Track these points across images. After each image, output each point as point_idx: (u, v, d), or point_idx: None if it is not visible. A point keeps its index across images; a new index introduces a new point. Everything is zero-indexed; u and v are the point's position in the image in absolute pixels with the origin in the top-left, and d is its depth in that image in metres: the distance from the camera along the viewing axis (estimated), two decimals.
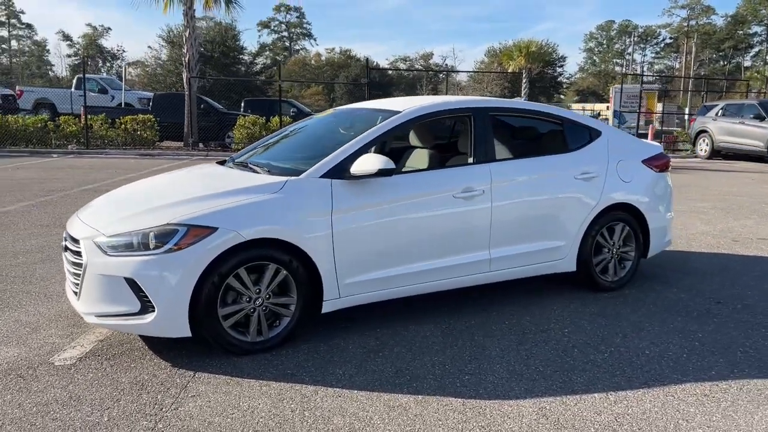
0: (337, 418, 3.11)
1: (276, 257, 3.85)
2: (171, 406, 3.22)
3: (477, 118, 4.76)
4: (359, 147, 4.24)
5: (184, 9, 19.16)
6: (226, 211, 3.79)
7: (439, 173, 4.54)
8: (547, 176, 4.89)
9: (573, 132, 5.17)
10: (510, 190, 4.69)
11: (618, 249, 5.26)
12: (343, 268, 4.07)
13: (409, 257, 4.32)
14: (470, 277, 4.62)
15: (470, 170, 4.63)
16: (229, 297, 3.81)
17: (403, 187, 4.31)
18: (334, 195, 4.04)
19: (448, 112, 4.80)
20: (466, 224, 4.50)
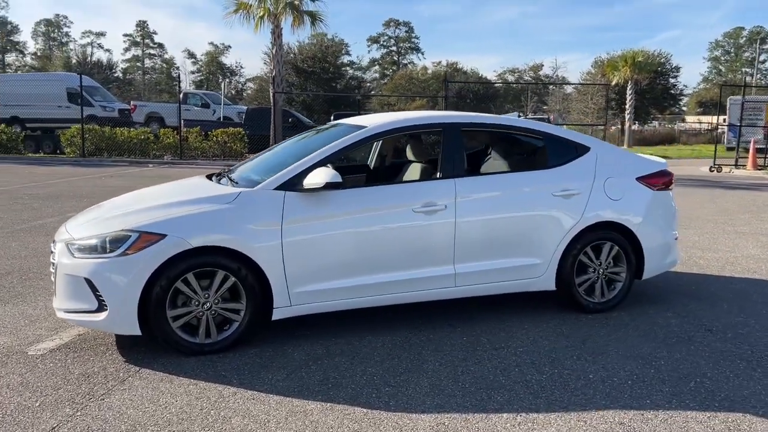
0: (236, 419, 3.28)
1: (224, 264, 4.08)
2: (100, 396, 3.52)
3: (447, 133, 4.78)
4: (316, 161, 4.40)
5: (272, 28, 20.16)
6: (176, 219, 4.07)
7: (398, 187, 4.61)
8: (520, 192, 4.82)
9: (555, 148, 5.06)
10: (477, 205, 4.67)
11: (606, 269, 5.07)
12: (293, 277, 4.23)
13: (365, 269, 4.42)
14: (434, 291, 4.64)
15: (433, 185, 4.66)
16: (179, 300, 4.08)
17: (357, 201, 4.42)
18: (286, 206, 4.22)
19: (416, 127, 4.87)
20: (427, 239, 4.54)
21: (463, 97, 60.01)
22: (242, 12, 20.03)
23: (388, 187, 4.61)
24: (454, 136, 4.78)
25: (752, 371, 3.97)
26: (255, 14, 19.99)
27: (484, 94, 59.68)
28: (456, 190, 4.61)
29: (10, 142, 21.94)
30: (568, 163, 5.02)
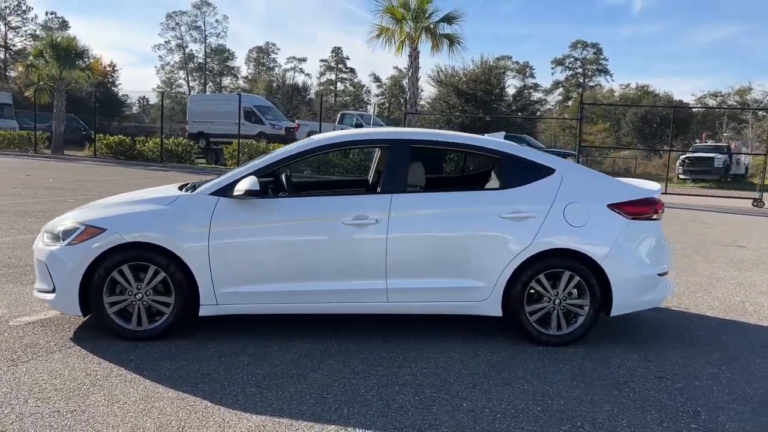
0: (96, 395, 3.63)
1: (155, 260, 4.50)
2: (24, 361, 4.07)
3: (393, 149, 4.80)
4: (253, 170, 4.68)
5: (409, 50, 20.76)
6: (117, 216, 4.58)
7: (331, 199, 4.71)
8: (464, 212, 4.68)
9: (513, 168, 4.82)
10: (413, 222, 4.63)
11: (565, 300, 4.71)
12: (219, 278, 4.53)
13: (292, 276, 4.58)
14: (366, 304, 4.67)
15: (367, 199, 4.71)
16: (117, 288, 4.56)
17: (288, 210, 4.61)
18: (217, 211, 4.54)
19: (358, 143, 4.94)
20: (356, 252, 4.59)
21: (649, 121, 56.31)
22: (384, 36, 20.90)
23: (322, 198, 4.73)
24: (399, 153, 4.78)
25: (657, 425, 3.51)
26: (396, 39, 20.77)
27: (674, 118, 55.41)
28: (391, 206, 4.61)
29: (184, 153, 24.82)
30: (525, 184, 4.77)
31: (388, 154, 4.81)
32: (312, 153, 4.84)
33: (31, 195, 13.07)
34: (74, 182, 16.44)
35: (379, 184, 4.76)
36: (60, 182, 16.16)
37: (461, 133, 5.30)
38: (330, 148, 4.90)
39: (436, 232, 4.63)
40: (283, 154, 4.79)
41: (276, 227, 4.56)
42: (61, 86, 28.12)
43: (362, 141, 4.99)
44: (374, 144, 5.09)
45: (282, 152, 4.82)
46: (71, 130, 35.15)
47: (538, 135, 45.53)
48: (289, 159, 4.79)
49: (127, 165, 24.16)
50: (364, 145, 5.05)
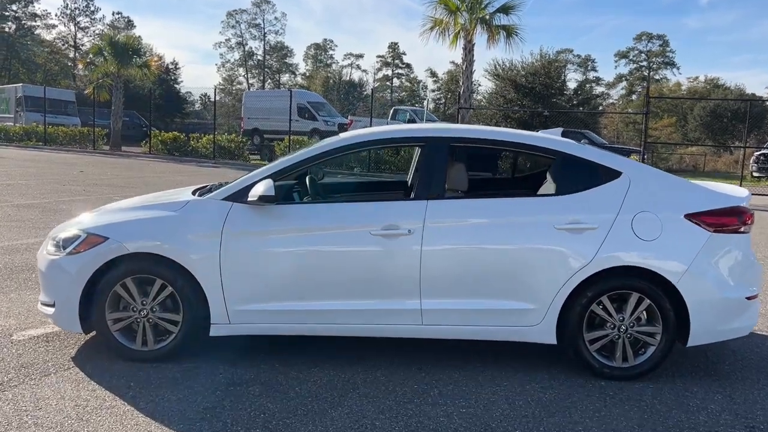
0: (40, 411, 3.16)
1: (161, 273, 4.02)
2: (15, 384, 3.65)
3: (430, 148, 4.18)
4: (269, 173, 4.14)
5: (464, 43, 19.96)
6: (121, 223, 4.11)
7: (358, 206, 4.12)
8: (512, 222, 4.01)
9: (572, 170, 4.12)
10: (452, 233, 4.00)
11: (632, 327, 3.99)
12: (232, 294, 4.01)
13: (313, 293, 4.03)
14: (396, 327, 4.07)
15: (399, 206, 4.11)
16: (121, 304, 4.10)
17: (307, 218, 4.05)
18: (229, 218, 4.02)
19: (394, 141, 4.34)
20: (386, 267, 3.99)
21: (719, 116, 53.49)
22: (437, 29, 20.16)
23: (347, 205, 4.13)
24: (437, 152, 4.14)
25: None
26: (450, 31, 20.00)
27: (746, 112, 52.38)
28: (426, 214, 3.98)
29: (237, 150, 24.74)
30: (586, 189, 4.06)
31: (424, 154, 4.19)
32: (335, 153, 4.24)
33: (79, 192, 13.01)
34: (125, 179, 16.42)
35: (413, 187, 4.14)
36: (110, 179, 16.15)
37: (510, 129, 4.63)
38: (357, 147, 4.30)
39: (479, 245, 3.98)
40: (304, 155, 4.22)
41: (294, 237, 4.01)
42: (119, 83, 28.51)
43: (394, 139, 4.37)
44: (408, 142, 4.49)
45: (303, 153, 4.26)
46: (132, 127, 35.86)
47: (600, 131, 43.78)
48: (310, 160, 4.22)
49: (179, 161, 24.24)
50: (397, 144, 4.44)
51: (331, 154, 4.22)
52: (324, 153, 4.21)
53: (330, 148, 4.23)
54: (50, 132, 30.12)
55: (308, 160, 4.21)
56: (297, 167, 4.20)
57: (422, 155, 4.18)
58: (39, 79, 55.36)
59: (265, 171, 4.18)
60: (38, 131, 30.41)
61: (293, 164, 4.19)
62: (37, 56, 63.48)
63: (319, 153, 4.21)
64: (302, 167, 4.23)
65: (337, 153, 4.24)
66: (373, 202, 4.15)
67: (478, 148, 4.46)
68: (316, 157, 4.21)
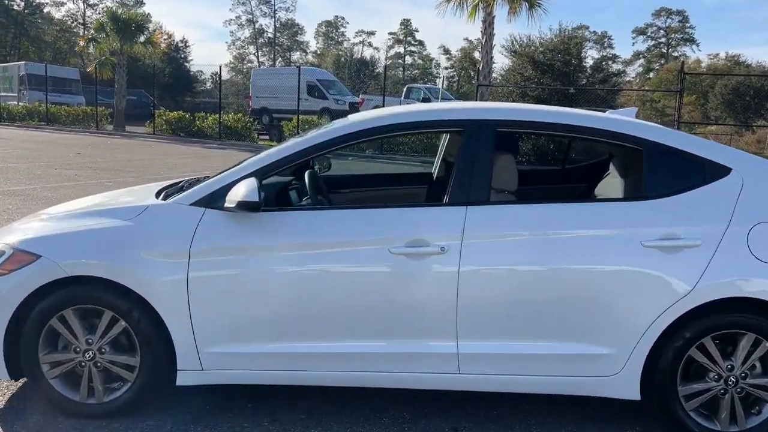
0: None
1: (111, 303, 3.01)
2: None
3: (471, 134, 3.10)
4: (254, 170, 3.09)
5: (483, 16, 18.68)
6: (58, 236, 3.10)
7: (372, 213, 3.06)
8: (582, 236, 2.95)
9: (665, 166, 3.04)
10: (500, 251, 2.95)
11: (744, 379, 2.94)
12: (204, 331, 3.00)
13: (314, 330, 3.01)
14: (422, 376, 3.05)
15: (428, 214, 3.06)
16: (59, 342, 3.10)
17: (305, 230, 3.02)
18: (201, 229, 2.99)
19: (421, 125, 3.24)
20: (410, 297, 2.96)
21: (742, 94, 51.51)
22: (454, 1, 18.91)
23: (359, 212, 3.08)
24: (480, 141, 3.08)
25: None
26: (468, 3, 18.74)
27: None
28: (465, 225, 2.94)
29: (244, 130, 23.70)
30: (684, 192, 2.99)
31: (462, 144, 3.11)
32: (344, 142, 3.16)
33: (70, 177, 12.04)
34: (122, 161, 15.46)
35: (446, 188, 3.08)
36: (107, 161, 15.19)
37: (576, 110, 3.54)
38: (372, 133, 3.22)
39: (537, 267, 2.94)
40: (303, 145, 3.16)
41: (288, 257, 2.98)
42: (122, 61, 27.45)
43: (421, 123, 3.29)
44: (441, 127, 3.42)
45: (302, 142, 3.20)
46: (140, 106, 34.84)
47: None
48: (310, 151, 3.16)
49: (184, 142, 23.23)
50: (426, 129, 3.36)
51: (339, 142, 3.15)
52: (329, 142, 3.15)
53: (337, 135, 3.16)
54: (53, 111, 29.18)
55: (307, 152, 3.15)
56: (292, 161, 3.15)
57: (460, 144, 3.11)
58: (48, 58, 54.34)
59: (250, 166, 3.14)
60: (41, 111, 29.48)
61: (287, 157, 3.14)
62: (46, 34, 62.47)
63: (323, 142, 3.15)
64: (299, 160, 3.17)
65: (347, 141, 3.16)
66: (393, 208, 3.09)
67: (533, 134, 3.38)
68: (319, 147, 3.15)
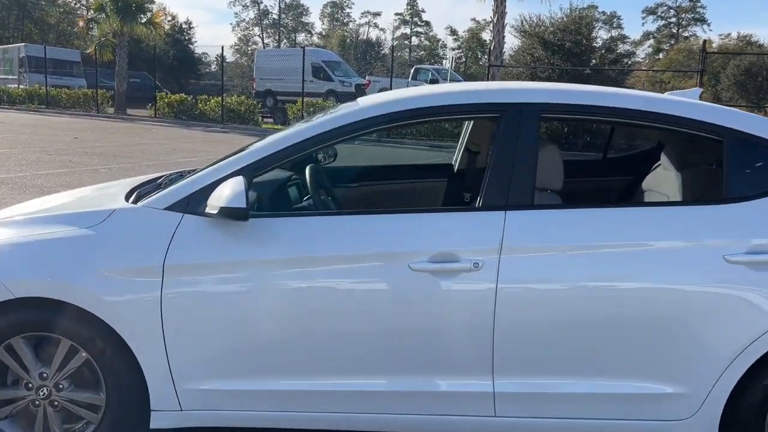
0: None
1: (69, 330, 2.46)
2: None
3: (510, 120, 2.51)
4: (242, 166, 2.52)
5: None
6: (4, 248, 2.53)
7: (386, 220, 2.48)
8: (647, 249, 2.37)
9: (753, 161, 2.46)
10: (546, 267, 2.38)
11: None
12: (182, 364, 2.46)
13: (317, 363, 2.45)
14: (450, 419, 2.49)
15: (457, 220, 2.48)
16: (9, 377, 2.56)
17: (304, 240, 2.44)
18: (177, 240, 2.43)
19: (446, 110, 2.63)
20: (435, 323, 2.40)
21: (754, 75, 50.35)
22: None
23: (372, 218, 2.50)
24: (520, 128, 2.49)
25: None
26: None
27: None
28: (504, 235, 2.36)
29: (247, 113, 23.10)
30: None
31: (499, 133, 2.52)
32: (351, 133, 2.55)
33: (64, 163, 11.50)
34: (120, 146, 14.91)
35: (472, 182, 2.50)
36: (105, 146, 14.64)
37: (634, 91, 2.93)
38: (386, 121, 2.59)
39: (591, 288, 2.37)
40: (301, 137, 2.56)
41: (284, 274, 2.41)
42: (122, 42, 26.78)
43: (449, 108, 2.64)
44: (473, 113, 2.77)
45: (300, 133, 2.60)
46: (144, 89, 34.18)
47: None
48: (310, 144, 2.55)
49: (185, 126, 22.63)
50: (453, 115, 2.74)
51: (349, 132, 2.55)
52: (336, 131, 2.55)
53: (346, 123, 2.56)
54: (53, 94, 28.58)
55: (310, 143, 2.55)
56: (291, 154, 2.56)
57: (497, 133, 2.52)
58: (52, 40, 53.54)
59: (239, 160, 2.56)
60: (41, 94, 28.89)
61: (285, 150, 2.55)
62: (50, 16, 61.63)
63: (328, 132, 2.55)
64: (300, 154, 2.58)
65: (358, 131, 2.54)
66: (414, 213, 2.50)
67: (586, 121, 2.79)
68: (323, 138, 2.55)
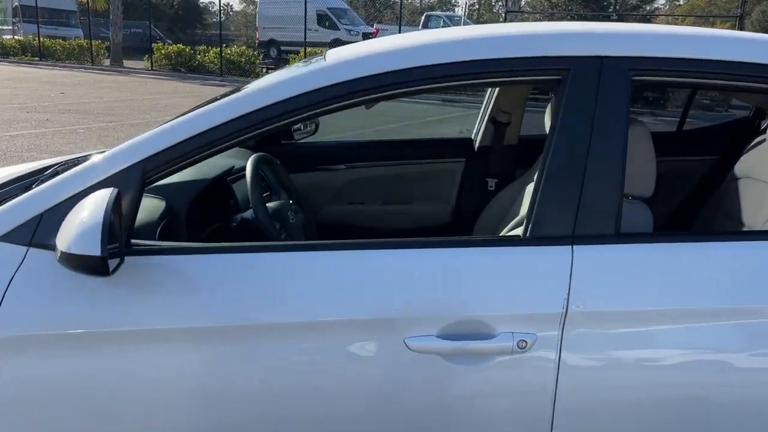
0: None
1: None
2: None
3: (575, 87, 1.46)
4: (126, 165, 1.49)
5: None
6: None
7: (357, 258, 1.45)
8: None
9: None
10: (648, 349, 1.37)
11: None
12: None
13: None
14: None
15: (486, 262, 1.44)
16: None
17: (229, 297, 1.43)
18: (15, 289, 1.43)
19: (480, 68, 1.52)
20: None
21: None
22: None
23: (340, 255, 1.46)
24: (598, 97, 1.44)
25: None
26: None
27: None
28: (571, 289, 1.35)
29: (247, 65, 21.92)
30: None
31: (560, 107, 1.47)
32: (296, 113, 1.49)
33: (40, 122, 10.49)
34: (108, 102, 13.86)
35: (529, 207, 1.46)
36: (91, 102, 13.60)
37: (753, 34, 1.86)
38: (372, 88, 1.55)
39: (712, 378, 1.37)
40: (234, 111, 1.50)
41: (187, 358, 1.42)
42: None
43: (488, 63, 1.48)
44: (505, 73, 1.61)
45: (235, 103, 1.55)
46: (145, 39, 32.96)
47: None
48: (247, 127, 1.49)
49: (182, 79, 21.45)
50: (483, 78, 1.63)
51: (297, 109, 1.50)
52: (273, 108, 1.50)
53: (293, 94, 1.50)
54: (47, 46, 27.33)
55: (228, 128, 1.48)
56: (215, 144, 1.48)
57: (556, 107, 1.47)
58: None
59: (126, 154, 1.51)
60: (35, 45, 27.67)
61: (202, 135, 1.48)
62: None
63: (260, 110, 1.50)
64: (233, 142, 1.52)
65: (315, 107, 1.49)
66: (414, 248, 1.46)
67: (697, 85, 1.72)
68: (247, 123, 1.48)
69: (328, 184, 2.87)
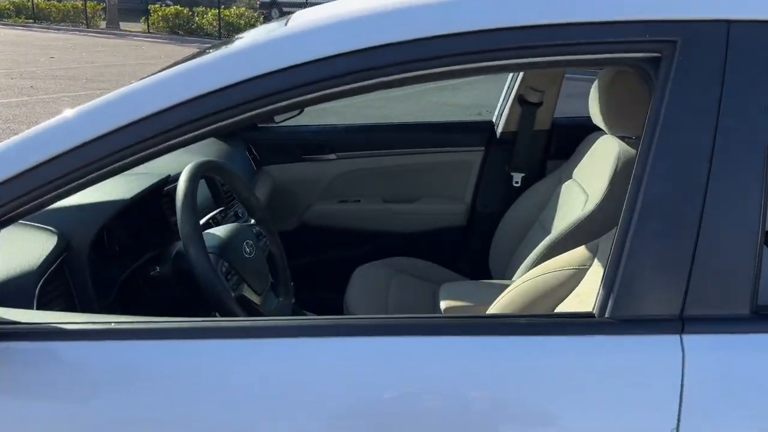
0: None
1: None
2: None
3: (683, 70, 0.90)
4: None
5: None
6: None
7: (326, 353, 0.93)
8: None
9: None
10: None
11: None
12: None
13: None
14: None
15: (541, 357, 0.90)
16: None
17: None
18: None
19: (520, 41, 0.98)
20: None
21: None
22: None
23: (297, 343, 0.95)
24: (724, 81, 0.89)
25: None
26: None
27: None
28: (683, 401, 0.82)
29: (248, 26, 21.12)
30: None
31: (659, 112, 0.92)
32: (241, 113, 0.95)
33: (23, 90, 9.92)
34: (99, 68, 13.25)
35: (607, 250, 0.92)
36: (80, 68, 12.99)
37: None
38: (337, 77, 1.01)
39: None
40: (158, 103, 0.97)
41: None
42: None
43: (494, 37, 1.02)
44: (579, 50, 1.12)
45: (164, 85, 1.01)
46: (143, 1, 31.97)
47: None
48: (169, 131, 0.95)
49: (180, 42, 20.70)
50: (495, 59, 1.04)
51: (241, 107, 0.95)
52: (196, 106, 0.95)
53: (233, 81, 0.95)
54: (41, 7, 26.49)
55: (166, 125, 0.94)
56: (75, 170, 0.96)
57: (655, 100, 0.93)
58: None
59: None
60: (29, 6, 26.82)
61: (99, 142, 0.93)
62: None
63: (179, 106, 0.95)
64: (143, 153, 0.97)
65: (266, 103, 0.96)
66: (422, 337, 0.95)
67: None
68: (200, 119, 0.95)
69: (316, 178, 2.35)
